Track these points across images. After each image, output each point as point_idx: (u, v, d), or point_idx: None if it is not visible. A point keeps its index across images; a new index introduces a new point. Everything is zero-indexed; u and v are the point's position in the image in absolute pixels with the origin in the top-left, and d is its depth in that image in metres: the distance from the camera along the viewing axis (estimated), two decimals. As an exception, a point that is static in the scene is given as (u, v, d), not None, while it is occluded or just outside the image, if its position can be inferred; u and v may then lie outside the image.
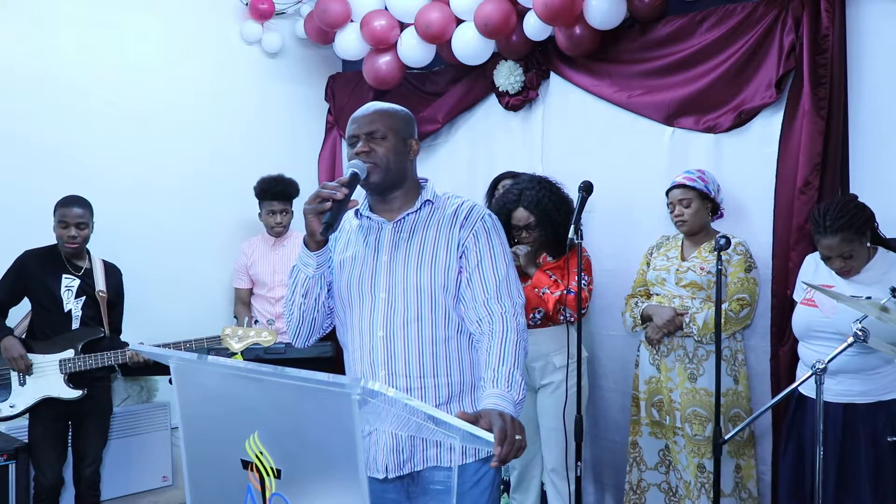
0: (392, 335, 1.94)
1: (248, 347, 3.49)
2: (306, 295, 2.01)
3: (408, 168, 2.03)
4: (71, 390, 3.31)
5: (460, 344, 1.97)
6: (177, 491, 4.28)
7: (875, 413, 2.69)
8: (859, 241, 2.70)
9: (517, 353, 1.87)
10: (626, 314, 3.37)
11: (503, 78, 4.10)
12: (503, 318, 1.92)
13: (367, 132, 1.99)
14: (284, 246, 4.36)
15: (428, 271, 1.95)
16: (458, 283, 1.96)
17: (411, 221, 2.02)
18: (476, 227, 1.98)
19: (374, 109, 2.05)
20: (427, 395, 1.94)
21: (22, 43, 3.94)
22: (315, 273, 1.98)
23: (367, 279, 1.98)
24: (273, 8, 4.72)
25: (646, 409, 3.31)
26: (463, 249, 1.97)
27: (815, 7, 3.12)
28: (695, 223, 3.21)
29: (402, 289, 1.95)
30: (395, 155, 1.98)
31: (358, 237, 2.06)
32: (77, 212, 3.38)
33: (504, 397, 1.77)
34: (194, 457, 1.65)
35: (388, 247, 1.99)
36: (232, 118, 4.66)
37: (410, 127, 2.07)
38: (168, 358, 1.66)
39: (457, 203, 2.05)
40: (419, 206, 2.02)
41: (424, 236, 1.99)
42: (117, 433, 4.14)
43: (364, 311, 1.98)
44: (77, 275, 3.44)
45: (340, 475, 1.33)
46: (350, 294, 2.00)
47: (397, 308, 1.94)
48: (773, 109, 3.28)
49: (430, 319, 1.94)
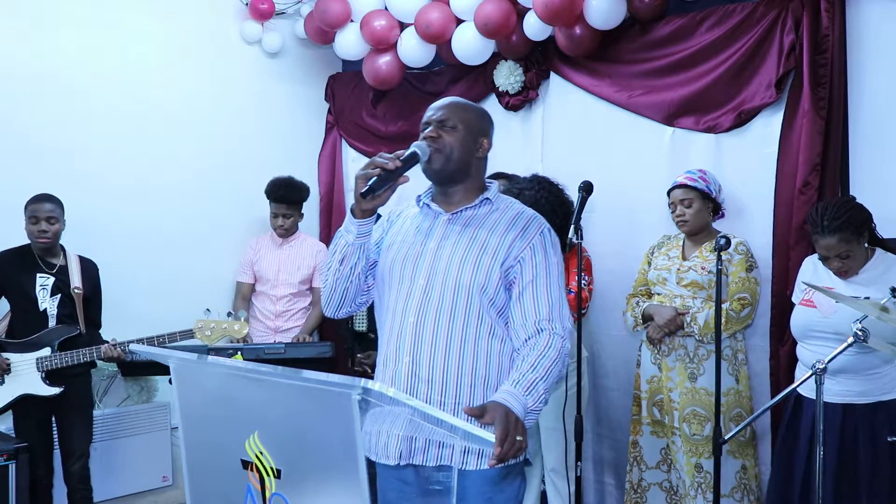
0: (423, 323, 1.93)
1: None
2: (343, 262, 2.00)
3: (473, 164, 2.03)
4: (48, 387, 3.33)
5: (490, 346, 1.95)
6: (177, 491, 4.27)
7: (874, 413, 2.69)
8: (857, 241, 2.70)
9: (550, 370, 1.86)
10: (628, 314, 3.37)
11: (503, 78, 4.10)
12: (550, 337, 1.91)
13: (439, 119, 2.00)
14: (292, 246, 4.37)
15: (470, 268, 1.93)
16: (497, 289, 1.94)
17: (468, 216, 2.01)
18: (534, 241, 1.97)
19: (451, 100, 2.06)
20: (447, 390, 1.93)
21: (22, 43, 3.93)
22: (355, 241, 1.97)
23: (410, 263, 1.99)
24: (273, 8, 4.72)
25: (647, 409, 3.31)
26: (518, 261, 1.95)
27: (815, 7, 3.12)
28: (696, 223, 3.21)
29: (441, 279, 1.94)
30: (461, 147, 1.98)
31: (413, 223, 2.07)
32: (47, 207, 3.38)
33: (517, 397, 1.77)
34: (194, 457, 1.65)
35: (438, 236, 2.00)
36: (232, 118, 4.66)
37: (484, 125, 2.07)
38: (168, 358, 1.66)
39: (518, 209, 2.04)
40: (478, 202, 2.02)
41: (476, 233, 1.98)
42: (117, 433, 4.14)
43: (401, 294, 1.98)
44: (51, 272, 3.44)
45: (340, 475, 1.33)
46: (391, 274, 2.01)
47: (433, 297, 1.94)
48: (773, 109, 3.29)
49: (462, 315, 1.93)
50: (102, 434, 3.95)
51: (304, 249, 4.37)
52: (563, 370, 1.92)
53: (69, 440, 3.48)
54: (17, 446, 3.33)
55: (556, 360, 1.88)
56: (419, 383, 1.93)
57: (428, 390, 1.93)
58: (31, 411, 3.39)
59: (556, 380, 1.90)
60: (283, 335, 4.25)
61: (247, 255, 4.43)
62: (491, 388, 1.93)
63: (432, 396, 1.92)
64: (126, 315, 3.77)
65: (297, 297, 4.33)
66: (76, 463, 3.48)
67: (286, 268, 4.31)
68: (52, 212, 3.39)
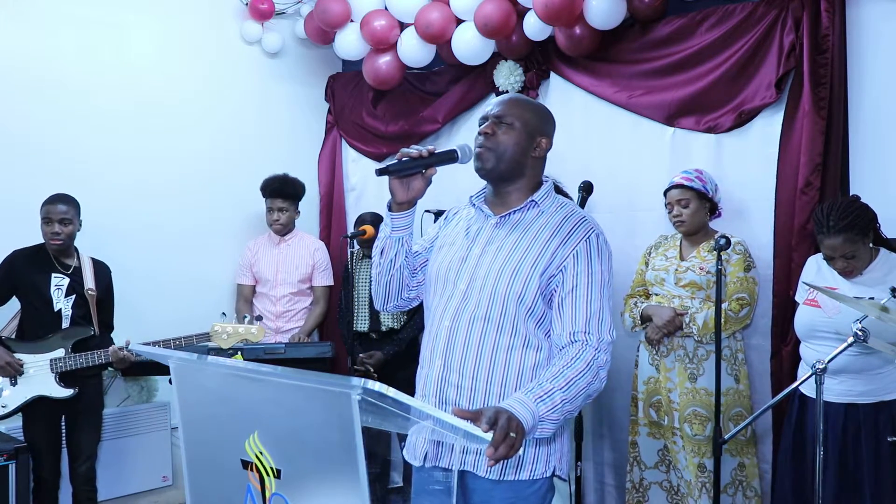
0: (457, 328, 1.91)
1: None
2: (382, 253, 2.02)
3: (528, 164, 1.96)
4: (62, 389, 3.32)
5: (524, 357, 1.89)
6: (177, 491, 4.28)
7: (877, 413, 2.69)
8: (862, 241, 2.70)
9: (574, 381, 1.77)
10: (626, 314, 3.37)
11: (503, 78, 4.10)
12: (583, 348, 1.83)
13: (497, 114, 1.96)
14: (289, 245, 4.37)
15: (508, 276, 1.88)
16: (535, 298, 1.88)
17: (514, 220, 1.96)
18: (578, 248, 1.89)
19: (512, 96, 2.04)
20: (476, 397, 1.89)
21: (22, 43, 3.93)
22: (392, 235, 1.99)
23: (455, 267, 1.97)
24: (273, 8, 4.72)
25: (643, 410, 3.31)
26: (560, 270, 1.88)
27: (815, 7, 3.12)
28: (693, 223, 3.21)
29: (479, 285, 1.91)
30: (516, 146, 1.93)
31: (465, 224, 2.05)
32: (61, 208, 3.37)
33: (524, 403, 1.68)
34: (194, 457, 1.65)
35: (483, 241, 1.96)
36: (232, 118, 4.66)
37: (544, 124, 2.00)
38: (168, 358, 1.66)
39: (567, 212, 1.96)
40: (525, 205, 1.96)
41: (520, 239, 1.92)
42: (117, 433, 4.14)
43: (443, 297, 1.97)
44: (66, 273, 3.44)
45: (340, 475, 1.33)
46: (437, 277, 2.01)
47: (469, 303, 1.91)
48: (773, 109, 3.29)
49: (497, 323, 1.89)
50: (103, 434, 3.93)
51: (301, 248, 4.37)
52: (594, 382, 1.82)
53: (78, 441, 3.47)
54: (17, 446, 3.33)
55: (584, 371, 1.79)
56: (448, 387, 1.91)
57: (456, 395, 1.90)
58: (42, 412, 3.37)
59: (587, 392, 1.80)
60: (285, 336, 4.24)
61: (245, 256, 4.43)
62: None
63: (460, 402, 1.89)
64: (128, 315, 3.76)
65: (297, 297, 4.32)
66: (84, 464, 3.47)
67: (284, 267, 4.31)
68: (65, 213, 3.37)
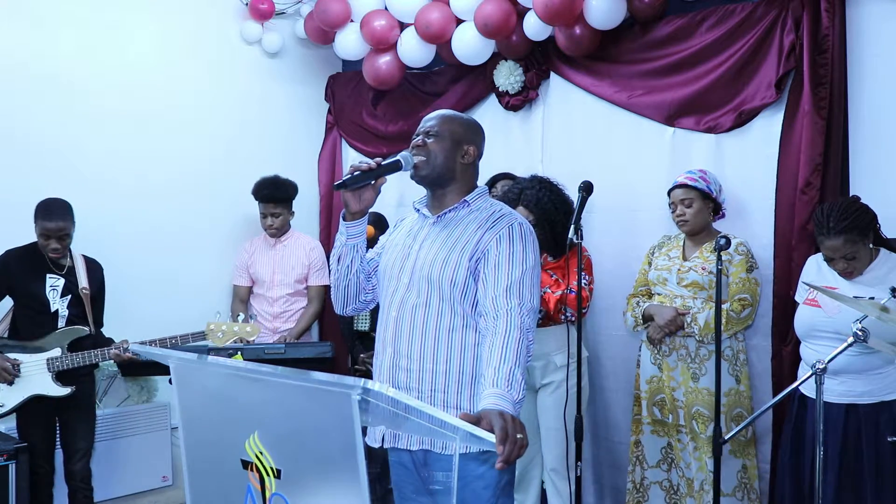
0: (402, 316, 2.09)
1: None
2: (339, 261, 2.19)
3: (458, 169, 2.15)
4: (59, 388, 3.33)
5: (465, 337, 2.05)
6: (177, 491, 4.28)
7: (877, 413, 2.69)
8: (862, 242, 2.70)
9: (519, 352, 1.88)
10: (628, 314, 3.37)
11: (503, 78, 4.10)
12: (508, 314, 1.94)
13: (426, 130, 2.16)
14: (285, 246, 4.36)
15: (440, 264, 2.07)
16: (466, 281, 2.04)
17: (449, 218, 2.15)
18: (500, 232, 2.06)
19: (439, 113, 2.22)
20: (424, 377, 2.05)
21: (22, 43, 3.93)
22: (347, 242, 2.17)
23: (399, 264, 2.15)
24: (273, 8, 4.72)
25: (647, 408, 3.31)
26: (484, 251, 2.04)
27: (815, 7, 3.12)
28: (696, 223, 3.21)
29: (419, 276, 2.09)
30: (445, 153, 2.12)
31: (408, 227, 2.24)
32: (58, 225, 3.32)
33: (503, 397, 1.78)
34: (194, 457, 1.65)
35: (422, 237, 2.15)
36: (232, 118, 4.66)
37: (470, 134, 2.19)
38: (168, 358, 1.66)
39: (495, 209, 2.15)
40: (458, 204, 2.15)
41: (452, 232, 2.12)
42: (117, 433, 4.14)
43: (389, 291, 2.15)
44: (60, 274, 3.44)
45: (340, 475, 1.33)
46: (384, 275, 2.19)
47: (412, 293, 2.09)
48: (773, 109, 3.28)
49: (436, 308, 2.06)
50: (103, 434, 3.94)
51: (297, 248, 4.35)
52: (531, 345, 1.94)
53: (73, 439, 3.47)
54: (17, 446, 3.33)
55: (521, 339, 1.90)
56: (399, 372, 2.09)
57: (406, 378, 2.07)
58: (38, 411, 3.38)
59: (527, 354, 1.91)
60: (282, 336, 4.24)
61: (241, 257, 4.42)
62: (466, 376, 2.04)
63: (410, 384, 2.06)
64: (125, 314, 3.76)
65: (294, 297, 4.32)
66: (79, 462, 3.48)
67: (281, 268, 4.30)
68: (63, 229, 3.34)
